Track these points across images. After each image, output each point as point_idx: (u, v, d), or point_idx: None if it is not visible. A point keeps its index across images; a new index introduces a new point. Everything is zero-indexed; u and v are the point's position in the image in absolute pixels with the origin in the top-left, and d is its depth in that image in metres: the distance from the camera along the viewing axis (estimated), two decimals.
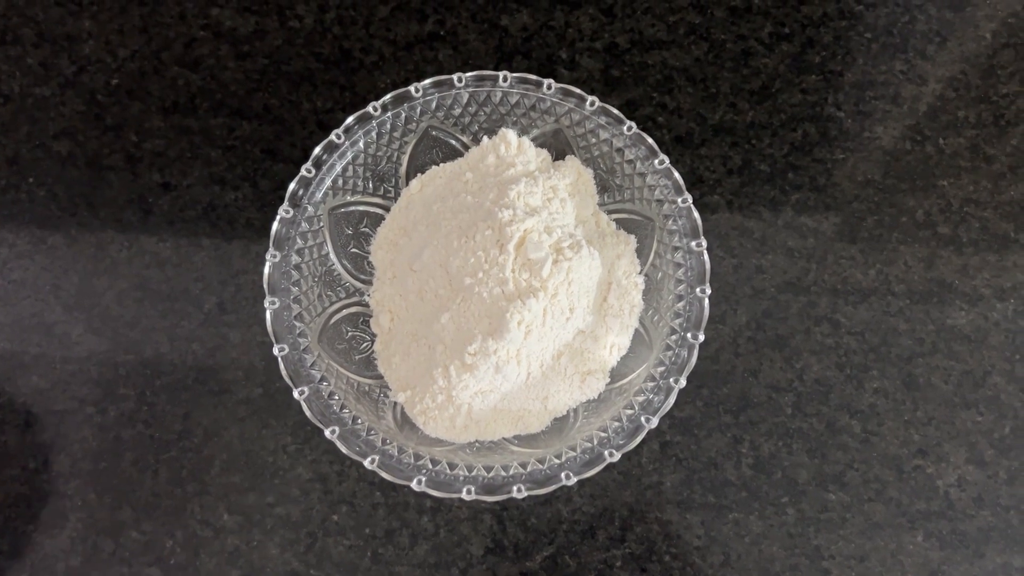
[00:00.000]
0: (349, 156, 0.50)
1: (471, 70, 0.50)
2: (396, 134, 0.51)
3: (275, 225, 0.47)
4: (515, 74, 0.50)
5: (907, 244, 0.57)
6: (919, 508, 0.52)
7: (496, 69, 0.50)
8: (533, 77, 0.50)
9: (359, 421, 0.45)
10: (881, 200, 0.58)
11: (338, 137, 0.49)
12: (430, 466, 0.44)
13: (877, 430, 0.53)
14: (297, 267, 0.48)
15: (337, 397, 0.45)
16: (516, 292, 0.47)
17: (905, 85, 0.61)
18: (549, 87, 0.50)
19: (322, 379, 0.46)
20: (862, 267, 0.57)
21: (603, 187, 0.52)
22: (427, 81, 0.50)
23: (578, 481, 0.44)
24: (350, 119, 0.49)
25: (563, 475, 0.43)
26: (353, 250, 0.52)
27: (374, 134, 0.50)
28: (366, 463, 0.43)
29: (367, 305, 0.52)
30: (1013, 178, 0.59)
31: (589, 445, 0.44)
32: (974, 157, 0.60)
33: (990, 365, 0.55)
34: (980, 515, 0.52)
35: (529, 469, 0.44)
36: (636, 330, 0.50)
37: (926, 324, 0.56)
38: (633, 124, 0.49)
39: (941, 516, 0.52)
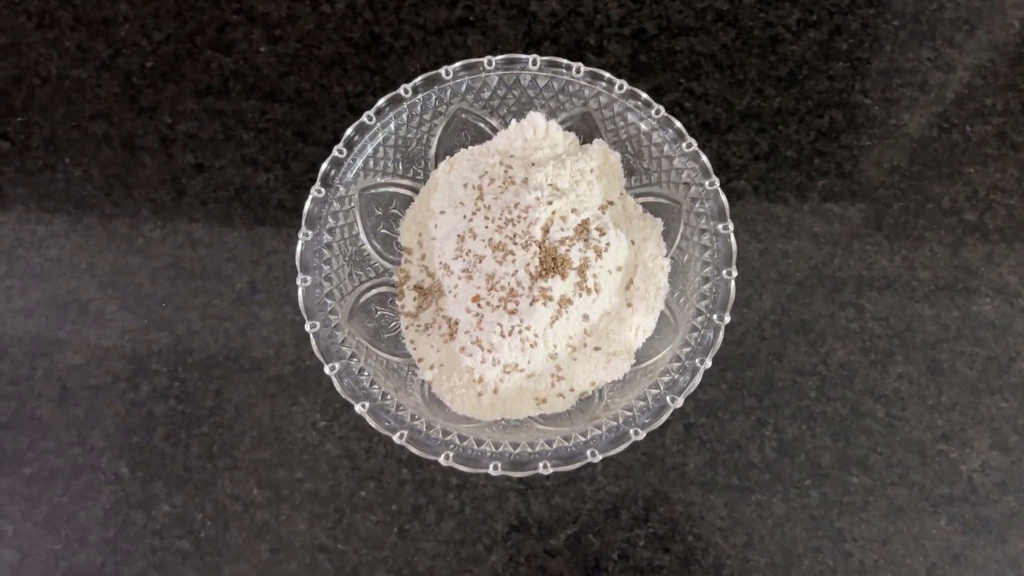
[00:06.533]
0: (380, 138, 0.50)
1: (500, 55, 0.51)
2: (426, 116, 0.52)
3: (307, 204, 0.48)
4: (544, 57, 0.50)
5: (933, 231, 0.58)
6: (942, 493, 0.52)
7: (525, 54, 0.51)
8: (563, 60, 0.50)
9: (388, 397, 0.46)
10: (907, 187, 0.59)
11: (370, 119, 0.50)
12: (457, 442, 0.45)
13: (901, 415, 0.54)
14: (328, 246, 0.49)
15: (367, 374, 0.46)
16: (543, 273, 0.47)
17: (932, 72, 0.61)
18: (578, 71, 0.50)
19: (352, 356, 0.46)
20: (887, 253, 0.57)
21: (630, 170, 0.53)
22: (457, 64, 0.50)
23: (602, 460, 0.45)
24: (382, 101, 0.50)
25: (588, 452, 0.44)
26: (383, 231, 0.53)
27: (405, 116, 0.51)
28: (395, 438, 0.44)
29: (395, 285, 0.52)
30: None
31: (615, 424, 0.45)
32: (1001, 145, 0.60)
33: (1015, 351, 0.55)
34: (1003, 500, 0.52)
35: (555, 446, 0.45)
36: (662, 312, 0.51)
37: (951, 310, 0.56)
38: (661, 107, 0.50)
39: (964, 501, 0.52)
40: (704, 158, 0.49)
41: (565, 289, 0.48)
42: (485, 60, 0.50)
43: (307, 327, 0.46)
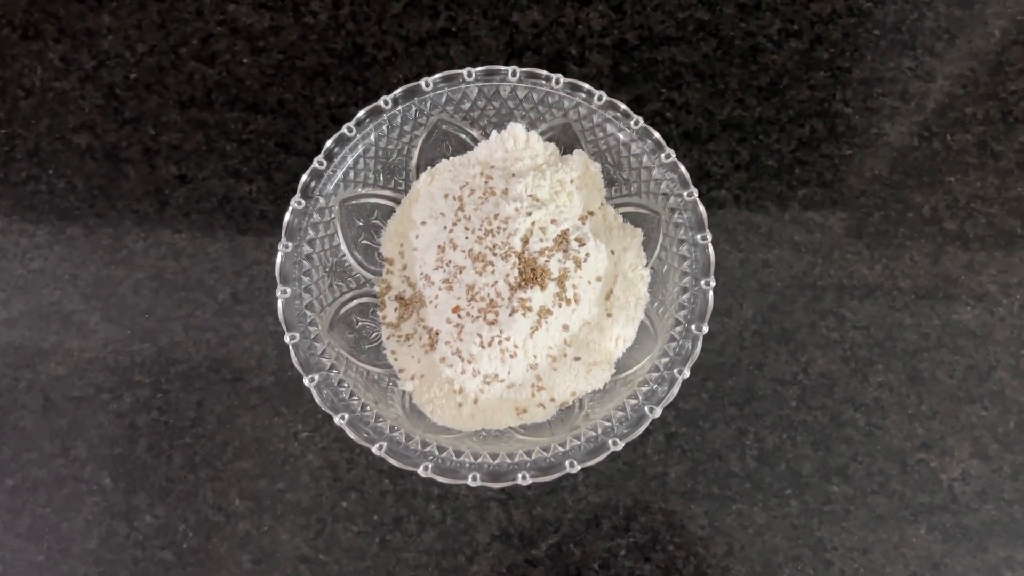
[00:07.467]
0: (360, 149, 0.51)
1: (482, 65, 0.51)
2: (407, 127, 0.52)
3: (287, 216, 0.48)
4: (524, 69, 0.51)
5: (913, 240, 0.58)
6: (922, 501, 0.52)
7: (506, 65, 0.51)
8: (542, 72, 0.51)
9: (368, 409, 0.46)
10: (888, 196, 0.59)
11: (349, 130, 0.50)
12: (437, 453, 0.45)
13: (881, 423, 0.54)
14: (308, 257, 0.49)
15: (346, 385, 0.46)
16: (523, 284, 0.48)
17: (913, 82, 0.61)
18: (557, 82, 0.51)
19: (332, 367, 0.47)
20: (868, 262, 0.57)
21: (610, 181, 0.53)
22: (437, 75, 0.50)
23: (583, 470, 0.45)
24: (361, 112, 0.50)
25: (568, 463, 0.44)
26: (364, 241, 0.53)
27: (385, 127, 0.51)
28: (374, 449, 0.44)
29: (377, 296, 0.52)
30: (1020, 175, 0.59)
31: (594, 434, 0.45)
32: (981, 154, 0.60)
33: (995, 360, 0.55)
34: (983, 509, 0.52)
35: (534, 457, 0.45)
36: (641, 322, 0.51)
37: (931, 319, 0.56)
38: (640, 119, 0.50)
39: (944, 510, 0.52)
40: (683, 169, 0.49)
41: (544, 300, 0.48)
42: (465, 72, 0.51)
43: (287, 339, 0.46)
